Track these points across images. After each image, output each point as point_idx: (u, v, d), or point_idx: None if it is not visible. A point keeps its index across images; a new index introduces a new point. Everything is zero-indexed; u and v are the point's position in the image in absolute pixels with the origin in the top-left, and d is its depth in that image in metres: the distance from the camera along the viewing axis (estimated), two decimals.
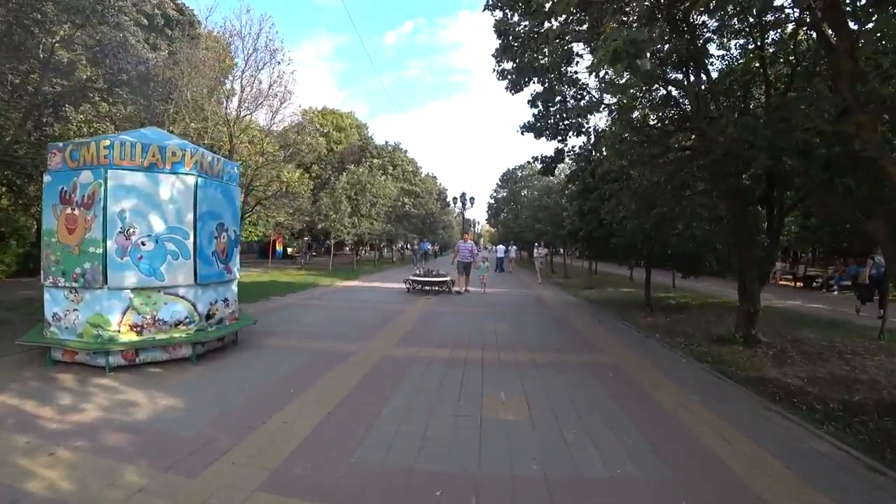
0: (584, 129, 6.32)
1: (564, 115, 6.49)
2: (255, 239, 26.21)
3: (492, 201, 41.94)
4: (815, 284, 19.24)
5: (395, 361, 5.87)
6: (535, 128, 6.81)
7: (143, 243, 5.55)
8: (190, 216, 5.91)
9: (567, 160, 7.16)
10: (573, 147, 7.10)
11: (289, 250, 36.14)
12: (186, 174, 5.91)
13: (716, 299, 13.70)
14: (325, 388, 4.76)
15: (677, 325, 9.07)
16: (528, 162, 7.85)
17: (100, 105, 11.40)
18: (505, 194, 36.21)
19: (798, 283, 20.38)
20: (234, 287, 6.96)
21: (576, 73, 6.35)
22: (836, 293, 17.16)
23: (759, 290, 7.27)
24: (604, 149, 4.46)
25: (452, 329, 8.06)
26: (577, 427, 3.90)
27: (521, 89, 6.62)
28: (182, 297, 5.92)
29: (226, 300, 6.64)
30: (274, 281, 17.20)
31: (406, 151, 35.13)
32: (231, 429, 3.71)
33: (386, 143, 34.50)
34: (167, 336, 5.72)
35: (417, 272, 13.97)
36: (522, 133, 7.02)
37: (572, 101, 6.32)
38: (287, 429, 3.75)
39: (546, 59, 6.09)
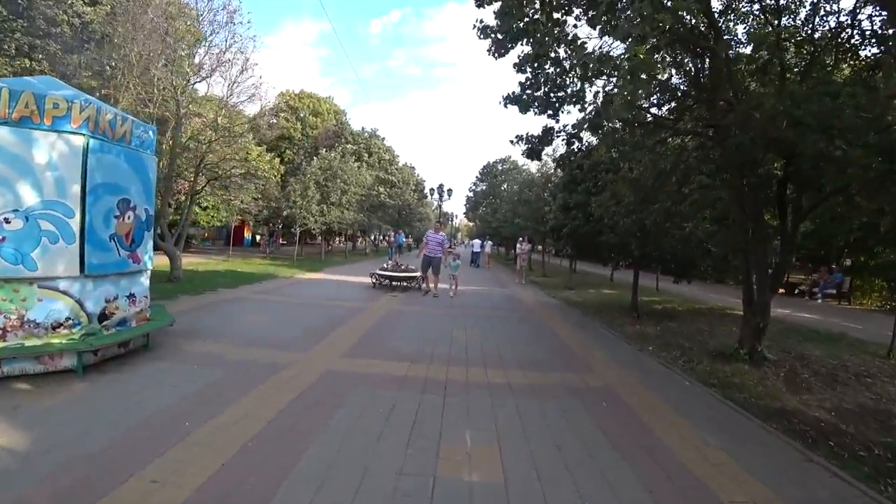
0: (582, 100, 5.16)
1: (559, 82, 5.34)
2: (219, 224, 24.42)
3: (470, 195, 40.92)
4: (797, 292, 18.72)
5: (337, 380, 4.67)
6: (522, 100, 5.60)
7: (6, 220, 4.21)
8: (76, 188, 4.57)
9: (559, 140, 6.03)
10: (564, 127, 5.98)
11: (257, 238, 34.42)
12: (73, 133, 4.56)
13: (702, 305, 12.89)
14: (232, 423, 3.53)
15: (669, 335, 8.12)
16: (514, 141, 6.54)
17: (19, 61, 9.79)
18: (484, 188, 35.15)
19: (780, 291, 19.85)
20: (145, 280, 5.64)
21: (576, 26, 5.23)
22: (819, 301, 16.63)
23: (771, 301, 6.32)
24: (613, 114, 3.44)
25: (415, 335, 6.89)
26: (571, 494, 2.79)
27: (508, 51, 5.47)
28: (63, 293, 4.60)
29: (131, 296, 5.32)
30: (231, 270, 15.77)
31: (384, 139, 33.67)
32: (74, 489, 2.49)
33: (363, 129, 32.98)
34: (41, 342, 4.40)
35: (385, 266, 12.74)
36: (506, 105, 5.84)
37: (570, 63, 5.15)
38: (153, 495, 2.53)
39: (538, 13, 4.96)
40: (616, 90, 3.07)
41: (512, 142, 6.20)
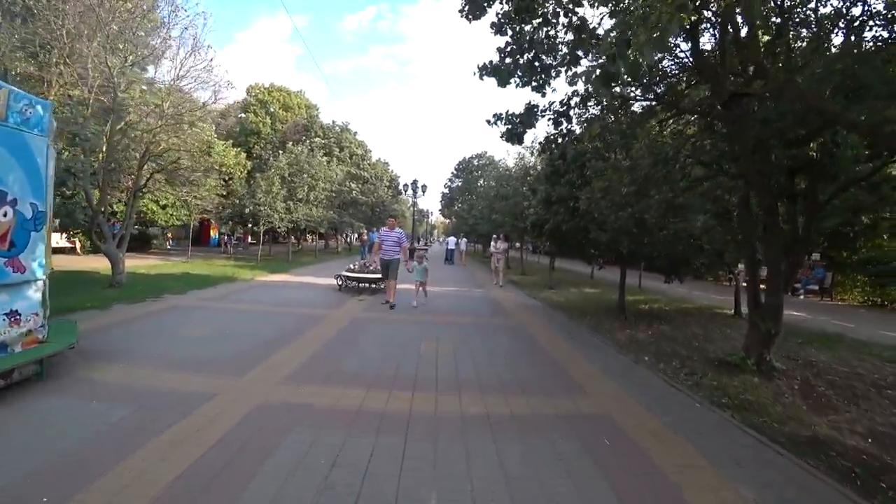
0: (577, 62, 4.24)
1: (547, 44, 4.42)
2: (178, 223, 22.86)
3: (446, 191, 39.96)
4: None
5: (273, 417, 3.69)
6: (500, 70, 4.66)
7: None
8: None
9: (544, 120, 5.13)
10: (551, 105, 5.08)
11: (224, 238, 32.81)
12: None
13: (689, 304, 12.28)
14: (116, 492, 2.54)
15: (663, 340, 7.37)
16: (491, 121, 5.75)
17: None
18: (460, 184, 34.26)
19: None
20: (35, 293, 4.52)
21: None
22: (801, 297, 16.31)
23: (783, 303, 5.60)
24: (631, 67, 2.66)
25: (378, 350, 5.93)
26: None
27: (484, 11, 4.54)
28: None
29: (13, 314, 4.22)
30: (186, 273, 14.50)
31: (355, 133, 32.40)
32: None
33: (333, 122, 31.64)
34: None
35: (351, 266, 11.70)
36: (482, 76, 4.87)
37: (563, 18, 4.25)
38: None
39: None
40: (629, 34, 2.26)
41: (489, 122, 5.30)
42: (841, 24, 3.95)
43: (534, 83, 4.73)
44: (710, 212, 5.75)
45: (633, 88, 5.18)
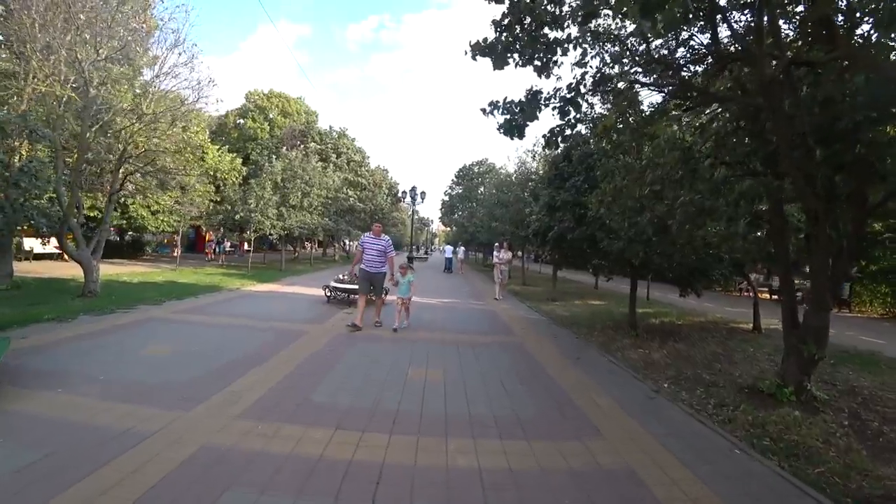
0: (592, 19, 3.47)
1: (554, 12, 3.65)
2: (169, 229, 22.15)
3: (446, 199, 39.27)
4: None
5: (211, 468, 2.91)
6: (496, 47, 3.89)
7: None
8: None
9: (548, 111, 4.37)
10: (557, 91, 4.34)
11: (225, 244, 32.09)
12: None
13: (701, 318, 11.48)
14: None
15: (682, 362, 6.59)
16: (487, 110, 5.05)
17: None
18: (460, 191, 33.58)
19: (772, 297, 18.74)
20: None
21: None
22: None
23: (828, 322, 4.82)
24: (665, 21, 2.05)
25: (357, 377, 5.15)
26: None
27: None
28: None
29: None
30: (170, 282, 13.81)
31: (354, 139, 31.80)
32: None
33: (330, 128, 31.04)
34: None
35: (341, 276, 10.94)
36: (475, 56, 4.09)
37: None
38: None
39: None
40: None
41: (484, 111, 4.55)
42: None
43: (536, 62, 3.96)
44: (741, 217, 4.98)
45: (651, 73, 4.46)
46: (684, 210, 4.64)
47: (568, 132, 4.62)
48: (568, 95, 4.25)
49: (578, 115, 4.43)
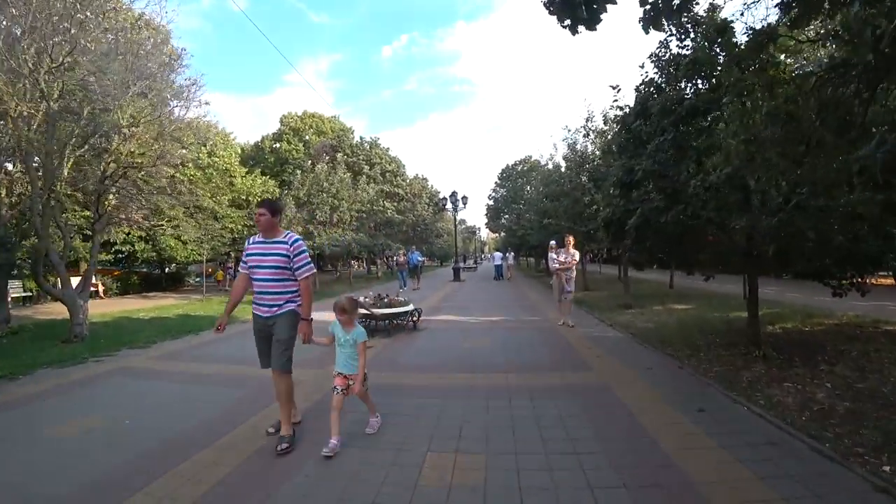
0: None
1: None
2: (198, 259, 21.21)
3: (490, 202, 36.92)
4: None
5: None
6: None
7: None
8: None
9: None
10: None
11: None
12: None
13: (831, 318, 8.52)
14: None
15: (869, 402, 4.03)
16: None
17: None
18: (504, 193, 31.23)
19: None
20: None
21: None
22: None
23: None
24: None
25: (340, 480, 3.04)
26: None
27: None
28: None
29: None
30: (185, 316, 12.44)
31: (388, 149, 30.24)
32: None
33: (361, 139, 29.65)
34: None
35: (363, 299, 8.94)
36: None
37: None
38: None
39: None
40: None
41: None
42: None
43: None
44: None
45: None
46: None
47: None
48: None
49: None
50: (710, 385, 4.95)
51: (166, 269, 25.53)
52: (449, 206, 24.61)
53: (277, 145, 39.25)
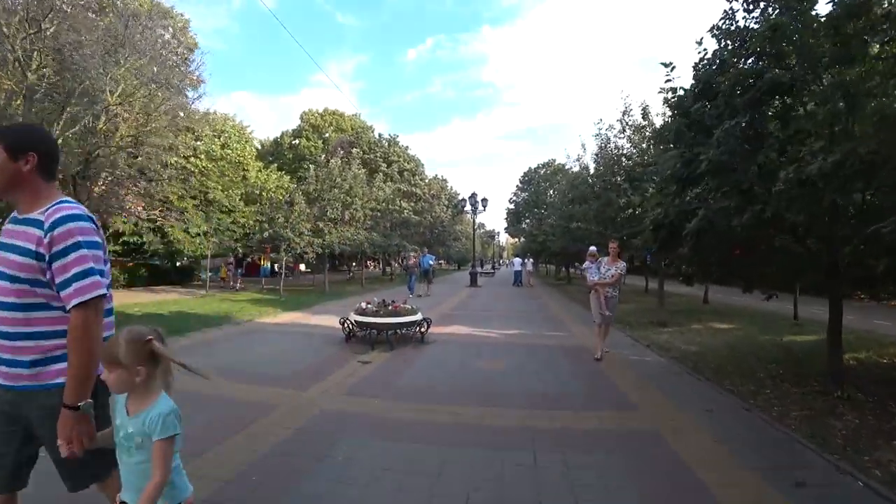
0: None
1: None
2: (208, 253, 20.47)
3: (511, 206, 35.77)
4: None
5: None
6: None
7: None
8: None
9: None
10: None
11: (275, 266, 30.65)
12: None
13: None
14: None
15: None
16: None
17: None
18: (526, 196, 30.08)
19: None
20: None
21: None
22: None
23: None
24: None
25: None
26: None
27: None
28: None
29: None
30: (180, 313, 11.64)
31: (407, 148, 29.36)
32: None
33: (379, 136, 28.85)
34: None
35: (365, 305, 7.95)
36: None
37: None
38: None
39: None
40: None
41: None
42: None
43: None
44: None
45: None
46: None
47: None
48: None
49: None
50: (795, 440, 3.80)
51: (178, 263, 25.00)
52: (468, 207, 23.58)
53: (297, 142, 38.79)
